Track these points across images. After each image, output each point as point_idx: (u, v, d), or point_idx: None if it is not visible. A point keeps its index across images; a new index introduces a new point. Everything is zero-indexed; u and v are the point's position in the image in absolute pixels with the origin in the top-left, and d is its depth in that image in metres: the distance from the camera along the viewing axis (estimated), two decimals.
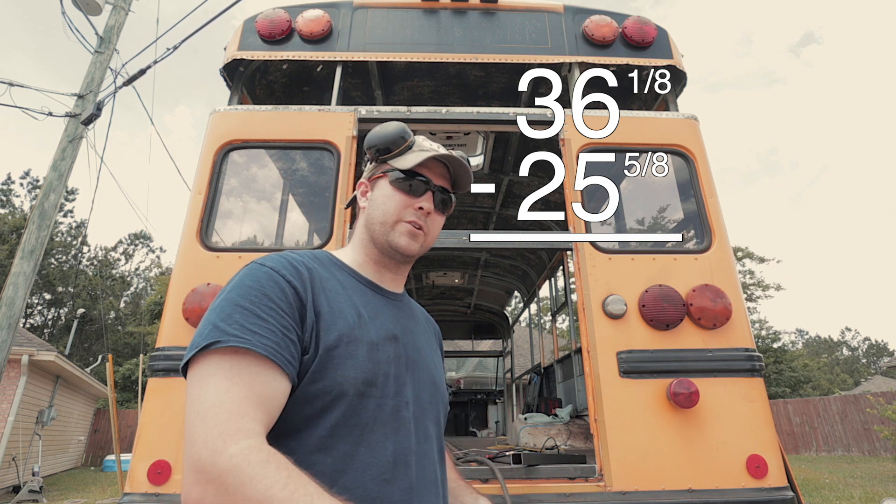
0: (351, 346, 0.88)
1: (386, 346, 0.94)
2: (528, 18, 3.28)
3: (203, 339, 0.79)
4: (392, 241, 1.02)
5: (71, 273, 30.49)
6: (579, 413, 4.28)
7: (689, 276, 2.49)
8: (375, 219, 1.04)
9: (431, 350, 1.11)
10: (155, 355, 2.29)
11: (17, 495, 10.47)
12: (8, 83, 6.37)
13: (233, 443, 0.69)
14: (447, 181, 1.11)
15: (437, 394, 1.04)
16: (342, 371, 0.86)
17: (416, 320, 1.11)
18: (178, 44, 6.07)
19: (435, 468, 0.98)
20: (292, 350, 0.83)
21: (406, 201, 1.04)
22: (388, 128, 1.09)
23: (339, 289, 0.96)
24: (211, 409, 0.73)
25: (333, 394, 0.85)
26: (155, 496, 2.05)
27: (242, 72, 3.20)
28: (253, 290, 0.84)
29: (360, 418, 0.86)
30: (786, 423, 18.59)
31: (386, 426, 0.89)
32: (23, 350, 11.42)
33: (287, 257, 0.95)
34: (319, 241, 2.63)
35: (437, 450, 1.01)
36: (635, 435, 2.21)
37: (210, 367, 0.77)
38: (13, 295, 5.72)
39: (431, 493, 0.94)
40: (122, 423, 18.01)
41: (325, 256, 1.04)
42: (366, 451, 0.85)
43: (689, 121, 2.90)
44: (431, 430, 0.99)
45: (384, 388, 0.90)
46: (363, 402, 0.87)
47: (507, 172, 4.67)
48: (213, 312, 0.83)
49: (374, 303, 1.00)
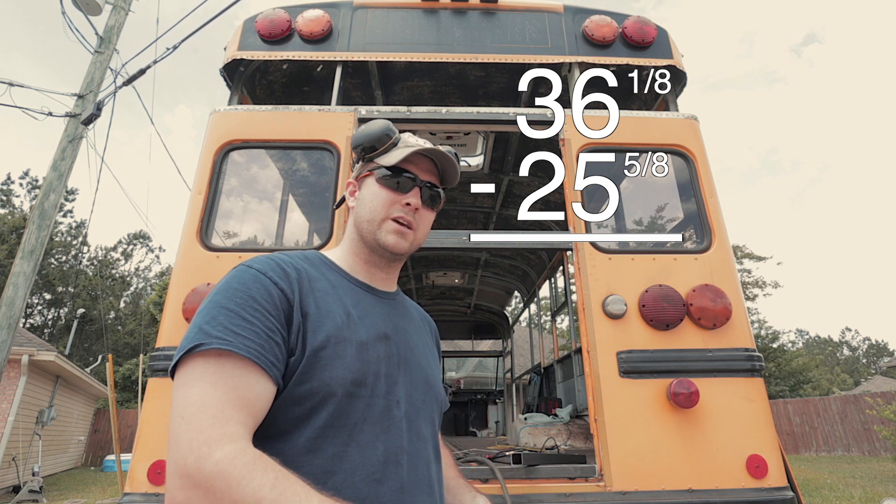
0: (339, 347, 0.88)
1: (376, 346, 0.93)
2: (528, 18, 3.28)
3: (188, 342, 0.79)
4: (380, 239, 1.02)
5: (71, 273, 30.49)
6: (579, 413, 4.28)
7: (689, 276, 2.49)
8: (363, 217, 1.04)
9: (426, 348, 1.10)
10: (155, 355, 2.29)
11: (17, 495, 10.47)
12: (8, 83, 6.37)
13: (217, 448, 0.70)
14: (435, 176, 1.10)
15: (431, 392, 1.03)
16: (330, 371, 0.85)
17: (409, 319, 1.10)
18: (177, 43, 6.07)
19: (429, 468, 0.96)
20: (276, 352, 0.82)
21: (393, 198, 1.03)
22: (373, 126, 1.08)
23: (328, 289, 0.95)
24: (195, 414, 0.73)
25: (322, 394, 0.84)
26: (155, 496, 2.05)
27: (242, 72, 3.20)
28: (239, 292, 0.84)
29: (350, 418, 0.86)
30: (786, 423, 18.59)
31: (376, 426, 0.88)
32: (23, 350, 11.43)
33: (275, 259, 0.95)
34: (319, 241, 2.63)
35: (432, 449, 1.00)
36: (635, 435, 2.21)
37: (195, 370, 0.78)
38: (13, 295, 5.72)
39: (424, 493, 0.93)
40: (122, 423, 18.02)
41: (315, 257, 1.04)
42: (355, 451, 0.85)
43: (689, 121, 2.90)
44: (425, 429, 0.98)
45: (374, 387, 0.90)
46: (352, 402, 0.86)
47: (507, 172, 4.67)
48: (199, 315, 0.83)
49: (365, 302, 1.00)
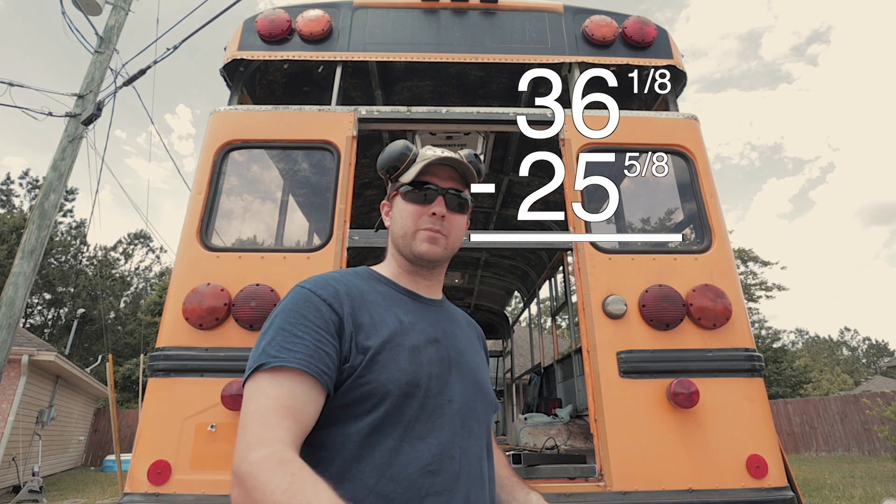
0: (394, 351, 0.96)
1: (427, 349, 1.01)
2: (528, 18, 3.27)
3: (253, 362, 0.91)
4: (415, 249, 1.09)
5: (71, 273, 30.48)
6: (579, 413, 4.28)
7: (689, 276, 2.49)
8: (397, 233, 1.12)
9: (475, 352, 1.16)
10: (155, 355, 2.29)
11: (17, 495, 10.47)
12: (8, 83, 6.36)
13: (253, 451, 0.79)
14: (458, 182, 1.15)
15: (481, 393, 1.08)
16: (386, 374, 0.93)
17: (457, 324, 1.17)
18: (178, 44, 6.07)
19: (481, 464, 1.02)
20: (326, 360, 0.91)
21: (419, 210, 1.10)
22: (392, 148, 1.16)
23: (379, 300, 1.04)
24: (247, 422, 0.84)
25: (379, 394, 0.92)
26: (155, 496, 2.05)
27: (242, 72, 3.19)
28: (292, 312, 0.95)
29: (404, 416, 0.93)
30: (786, 423, 18.59)
31: (429, 423, 0.95)
32: (23, 350, 11.42)
33: (325, 277, 1.04)
34: (319, 241, 2.62)
35: (485, 446, 1.06)
36: (635, 435, 2.21)
37: (256, 386, 0.89)
38: (13, 295, 5.72)
39: (477, 485, 0.98)
40: (122, 423, 18.02)
41: (365, 272, 1.13)
42: (409, 445, 0.92)
43: (689, 121, 2.90)
44: (476, 427, 1.04)
45: (427, 388, 0.97)
46: (407, 401, 0.94)
47: (507, 172, 4.67)
48: (263, 337, 0.94)
49: (415, 309, 1.08)
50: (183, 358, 2.25)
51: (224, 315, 2.30)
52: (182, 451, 2.11)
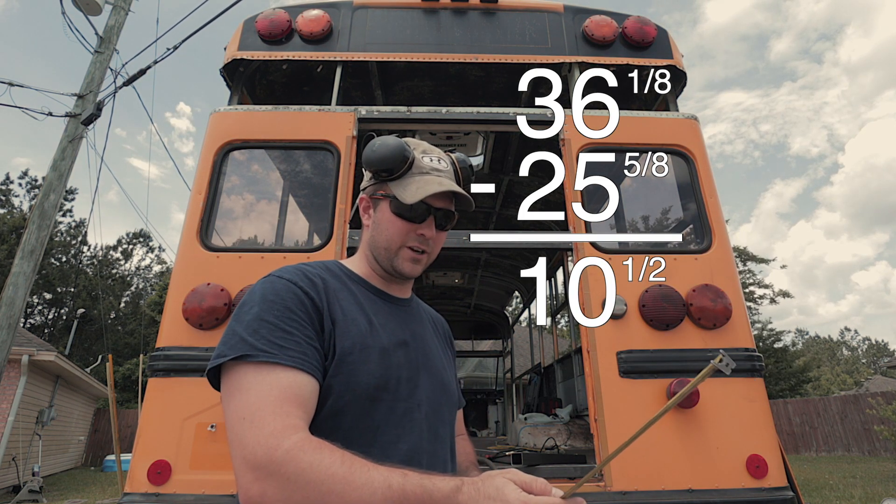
0: (364, 353, 0.94)
1: (397, 352, 0.99)
2: (528, 18, 3.27)
3: (232, 351, 0.85)
4: (396, 266, 1.07)
5: (71, 273, 30.48)
6: (579, 413, 4.28)
7: (689, 276, 2.49)
8: (380, 244, 1.07)
9: (441, 352, 1.15)
10: (155, 355, 2.29)
11: (17, 495, 10.47)
12: (8, 83, 6.37)
13: (284, 438, 0.76)
14: (449, 201, 1.10)
15: (446, 395, 1.08)
16: (356, 377, 0.91)
17: (424, 324, 1.16)
18: (178, 44, 6.07)
19: (446, 467, 1.03)
20: (317, 356, 0.89)
21: (408, 227, 1.06)
22: (385, 147, 1.07)
23: (350, 298, 1.01)
24: (257, 413, 0.79)
25: (346, 398, 0.90)
26: (155, 496, 2.05)
27: (242, 72, 3.19)
28: (275, 304, 0.90)
29: (373, 420, 0.92)
30: (786, 423, 18.58)
31: (398, 427, 0.94)
32: (23, 350, 11.42)
33: (302, 269, 1.00)
34: (319, 241, 2.62)
35: (449, 449, 1.06)
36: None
37: (247, 378, 0.84)
38: (13, 295, 5.72)
39: None
40: (122, 423, 18.00)
41: (335, 266, 1.09)
42: (379, 451, 0.90)
43: (689, 121, 2.90)
44: (442, 431, 1.04)
45: (396, 391, 0.96)
46: (375, 405, 0.93)
47: (507, 172, 4.67)
48: (239, 325, 0.88)
49: (384, 310, 1.06)
50: (183, 358, 2.25)
51: (224, 315, 2.30)
52: (182, 451, 2.11)
